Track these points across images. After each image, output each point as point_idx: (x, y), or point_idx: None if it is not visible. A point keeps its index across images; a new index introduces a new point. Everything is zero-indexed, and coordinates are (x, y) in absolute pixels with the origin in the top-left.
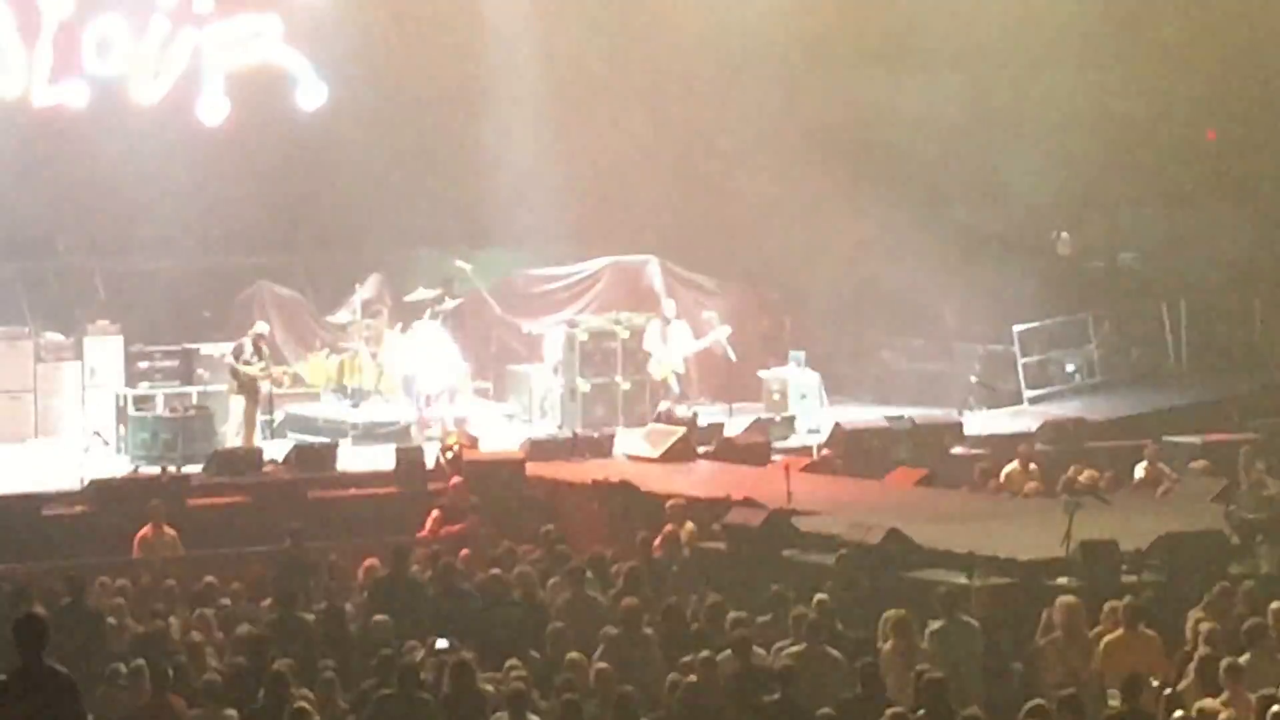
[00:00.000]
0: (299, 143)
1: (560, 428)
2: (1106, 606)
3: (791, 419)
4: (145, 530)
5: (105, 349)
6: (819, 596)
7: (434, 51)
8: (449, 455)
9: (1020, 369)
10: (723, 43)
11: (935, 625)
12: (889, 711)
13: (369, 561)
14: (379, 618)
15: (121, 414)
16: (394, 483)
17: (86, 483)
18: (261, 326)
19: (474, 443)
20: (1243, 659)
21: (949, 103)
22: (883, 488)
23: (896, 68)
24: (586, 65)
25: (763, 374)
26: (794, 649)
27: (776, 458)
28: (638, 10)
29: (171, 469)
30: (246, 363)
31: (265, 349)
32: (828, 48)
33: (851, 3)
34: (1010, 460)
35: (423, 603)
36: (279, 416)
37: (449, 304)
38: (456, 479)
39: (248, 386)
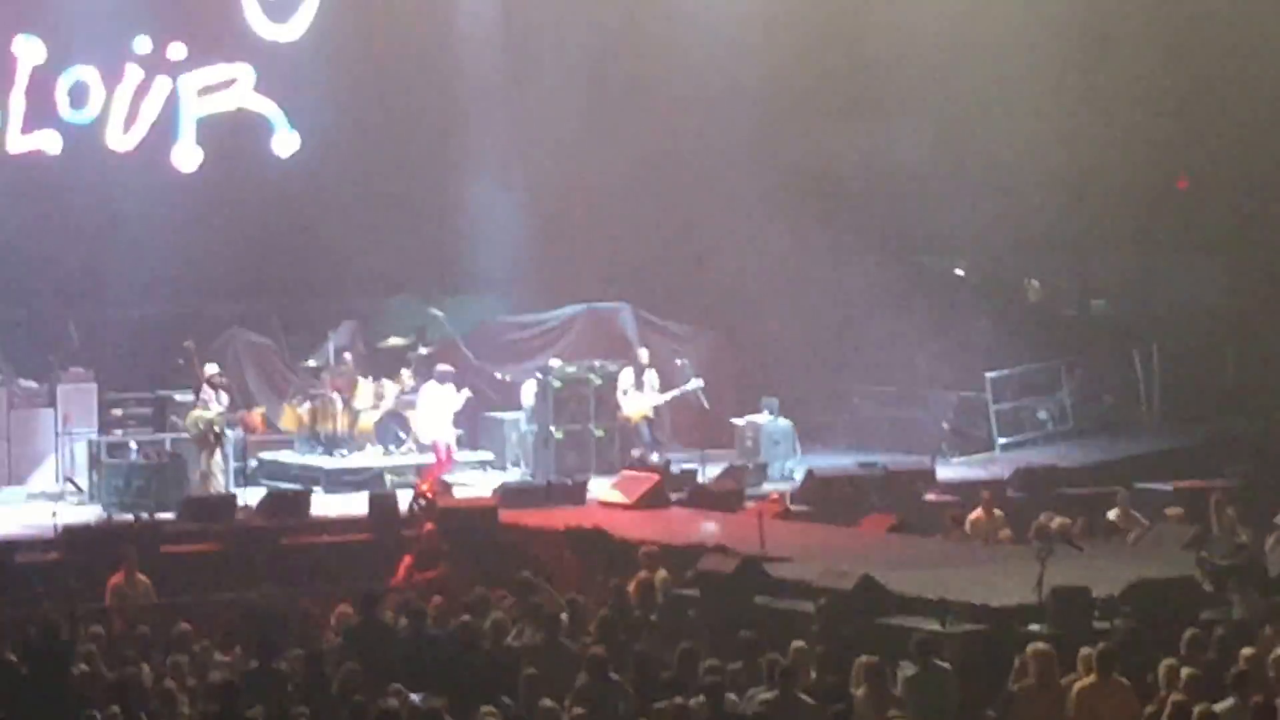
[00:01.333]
0: (272, 190)
1: (533, 475)
2: (1081, 653)
3: (764, 466)
4: (117, 577)
5: (79, 396)
6: (795, 644)
7: (407, 99)
8: (422, 502)
9: (993, 416)
10: (696, 91)
11: (909, 671)
12: None
13: (341, 608)
14: (350, 665)
15: (95, 461)
16: (367, 529)
17: (60, 529)
18: (210, 368)
19: (447, 489)
20: (1221, 706)
21: (920, 150)
22: (855, 534)
23: (867, 116)
24: (559, 113)
25: (736, 421)
26: (766, 695)
27: (749, 504)
28: (610, 59)
29: (144, 516)
30: (205, 406)
31: (222, 387)
32: (800, 96)
33: (823, 52)
34: (976, 507)
35: (394, 649)
36: (252, 463)
37: (422, 351)
38: (429, 526)
39: (207, 435)
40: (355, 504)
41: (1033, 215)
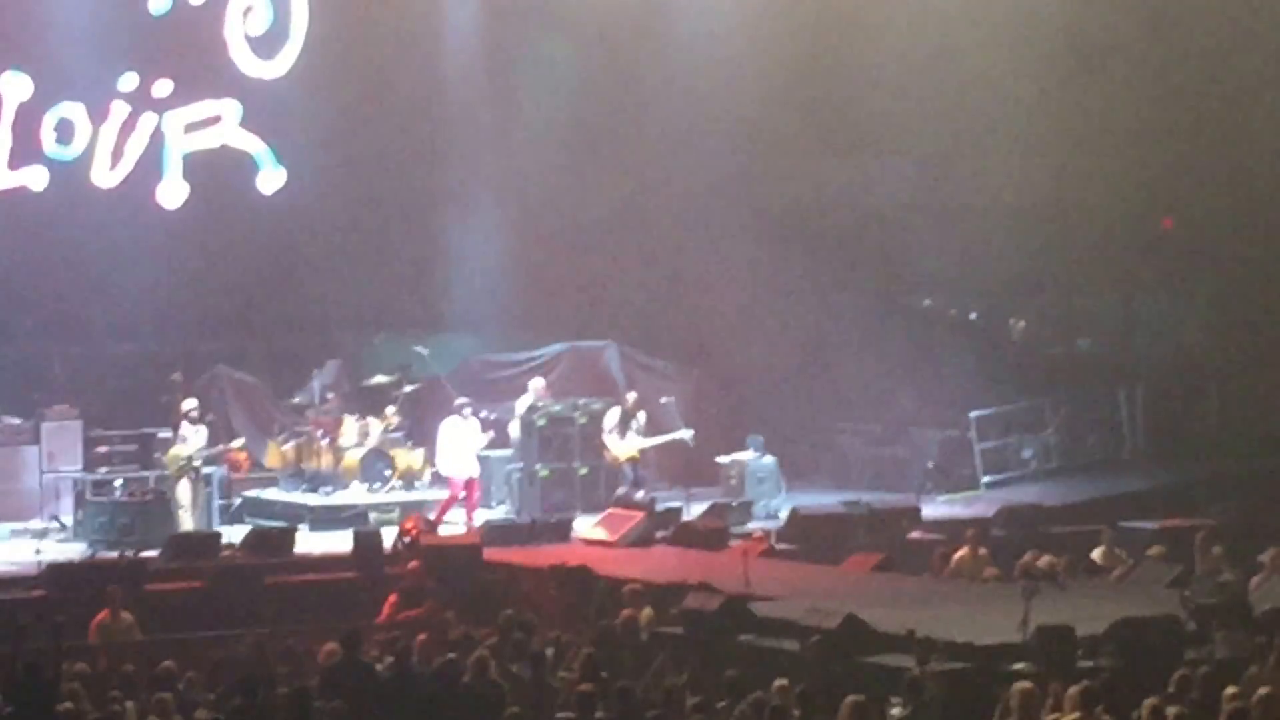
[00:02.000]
0: (258, 227)
1: (518, 513)
2: (1068, 692)
3: (749, 504)
4: (102, 615)
5: (63, 433)
6: (779, 682)
7: (392, 137)
8: (406, 540)
9: (977, 454)
10: (679, 129)
11: (900, 712)
12: None
13: (329, 646)
14: (334, 704)
15: (79, 498)
16: (352, 567)
17: (44, 567)
18: (189, 403)
19: (431, 527)
20: None
21: (904, 188)
22: (840, 573)
23: (850, 153)
24: (544, 150)
25: (720, 459)
26: None
27: (734, 542)
28: (594, 98)
29: (129, 553)
30: (183, 441)
31: (201, 422)
32: (783, 133)
33: (806, 89)
34: (961, 546)
35: (378, 688)
36: (236, 501)
37: (407, 389)
38: (414, 563)
39: (185, 471)
40: (340, 542)
41: (1017, 253)
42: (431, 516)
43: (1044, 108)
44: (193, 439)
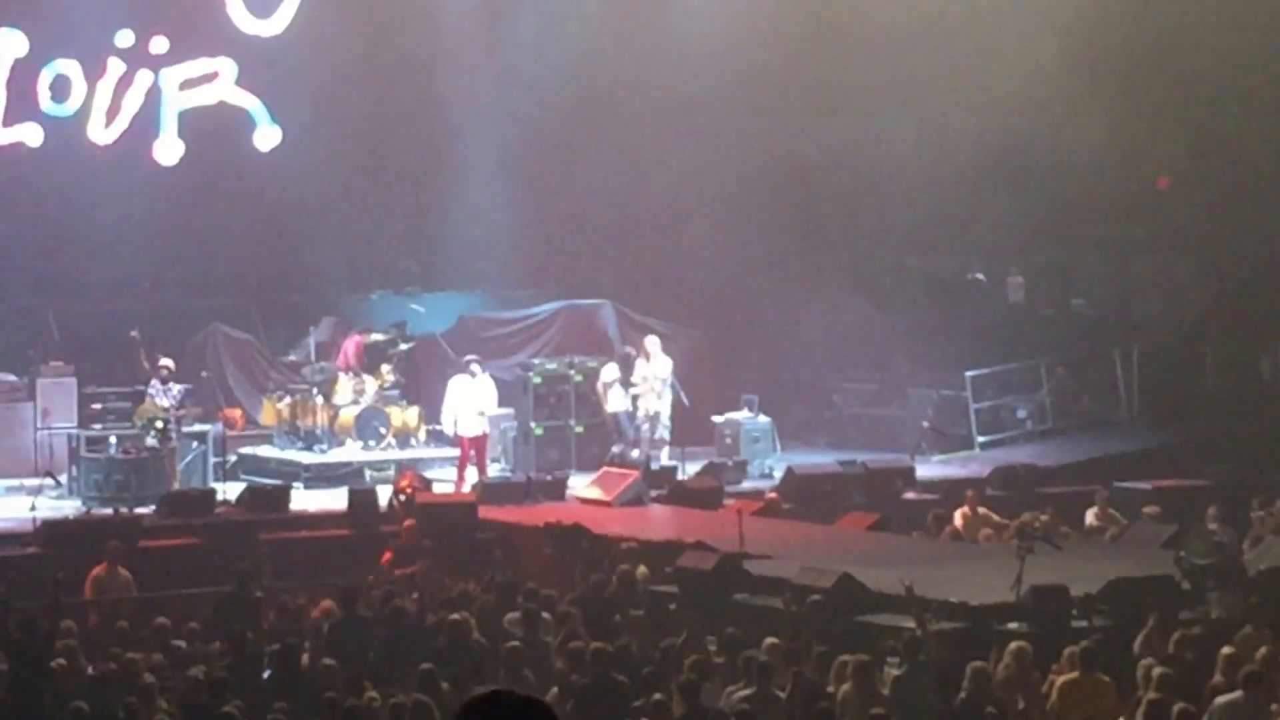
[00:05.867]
0: (254, 184)
1: (513, 471)
2: (1066, 651)
3: (744, 463)
4: (99, 569)
5: (59, 390)
6: (769, 640)
7: (389, 94)
8: (401, 498)
9: (972, 414)
10: (676, 91)
11: (897, 671)
12: None
13: (325, 603)
14: (327, 661)
15: (74, 455)
16: (347, 524)
17: (38, 524)
18: (165, 361)
19: (427, 485)
20: (1225, 699)
21: (901, 149)
22: (835, 532)
23: (849, 114)
24: (541, 111)
25: (715, 418)
26: (745, 692)
27: (729, 502)
28: (592, 58)
29: (123, 510)
30: (152, 400)
31: (168, 378)
32: (780, 93)
33: (803, 49)
34: (960, 505)
35: (373, 645)
36: (231, 458)
37: (402, 347)
38: (409, 521)
39: (149, 428)
40: (335, 499)
41: (1013, 214)
42: (428, 475)
43: (1039, 67)
44: (161, 396)
